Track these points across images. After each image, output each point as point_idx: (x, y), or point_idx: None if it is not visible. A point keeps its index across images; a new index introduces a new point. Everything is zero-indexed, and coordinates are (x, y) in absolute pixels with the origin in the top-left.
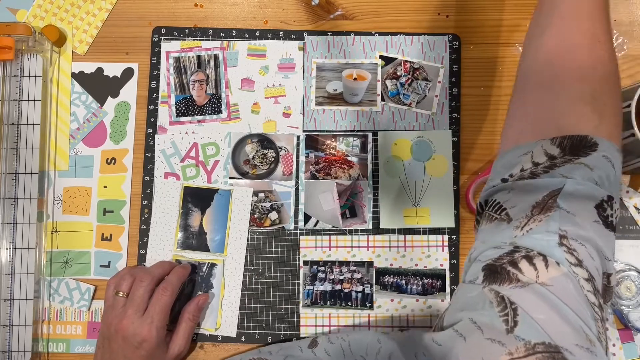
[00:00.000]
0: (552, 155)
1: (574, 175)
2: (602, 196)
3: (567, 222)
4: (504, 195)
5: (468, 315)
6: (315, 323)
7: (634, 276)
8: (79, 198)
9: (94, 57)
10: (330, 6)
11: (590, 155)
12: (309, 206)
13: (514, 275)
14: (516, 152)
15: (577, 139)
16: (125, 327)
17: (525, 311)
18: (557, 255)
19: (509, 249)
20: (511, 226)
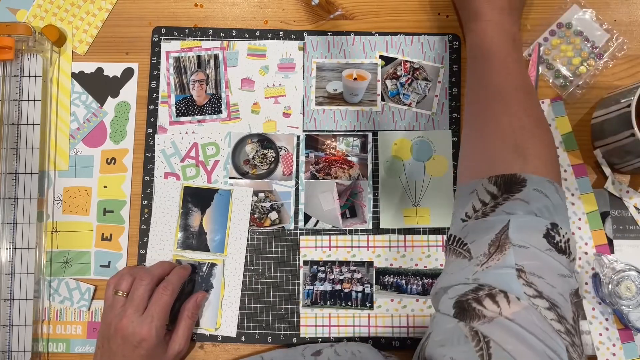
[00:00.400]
0: (493, 194)
1: (515, 210)
2: (546, 225)
3: (522, 257)
4: (464, 232)
5: (449, 354)
6: (315, 323)
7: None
8: (79, 198)
9: (94, 57)
10: (330, 6)
11: (522, 191)
12: (309, 206)
13: (480, 311)
14: (466, 190)
15: (508, 177)
16: (125, 327)
17: (496, 343)
18: (516, 289)
19: (473, 286)
20: (472, 263)
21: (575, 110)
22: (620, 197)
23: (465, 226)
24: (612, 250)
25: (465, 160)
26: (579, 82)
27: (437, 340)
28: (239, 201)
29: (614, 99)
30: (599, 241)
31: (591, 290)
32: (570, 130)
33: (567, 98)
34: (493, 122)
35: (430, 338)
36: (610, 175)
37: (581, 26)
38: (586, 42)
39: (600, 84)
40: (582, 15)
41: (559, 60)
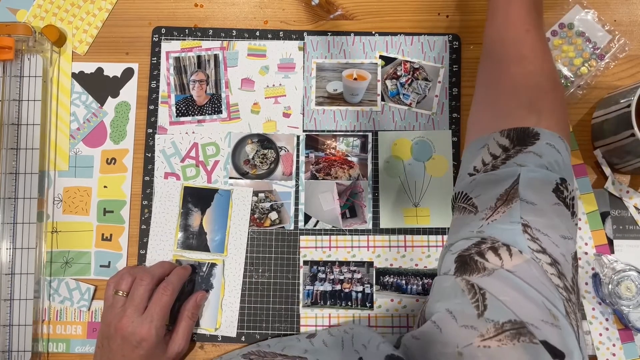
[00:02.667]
0: (505, 147)
1: (526, 163)
2: (556, 179)
3: (529, 212)
4: (471, 186)
5: (444, 306)
6: (315, 323)
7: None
8: (79, 198)
9: (94, 57)
10: (330, 6)
11: (535, 144)
12: (309, 206)
13: (481, 264)
14: (476, 145)
15: (521, 130)
16: (125, 327)
17: (493, 295)
18: (520, 243)
19: (476, 240)
20: (477, 217)
21: (575, 110)
22: (620, 197)
23: (473, 180)
24: (612, 250)
25: (476, 116)
26: (580, 83)
27: (434, 299)
28: (239, 201)
29: (614, 99)
30: (599, 241)
31: (591, 290)
32: (570, 130)
33: (568, 98)
34: (507, 78)
35: (429, 301)
36: (610, 175)
37: (583, 27)
38: (588, 42)
39: (600, 84)
40: (584, 15)
41: (561, 60)
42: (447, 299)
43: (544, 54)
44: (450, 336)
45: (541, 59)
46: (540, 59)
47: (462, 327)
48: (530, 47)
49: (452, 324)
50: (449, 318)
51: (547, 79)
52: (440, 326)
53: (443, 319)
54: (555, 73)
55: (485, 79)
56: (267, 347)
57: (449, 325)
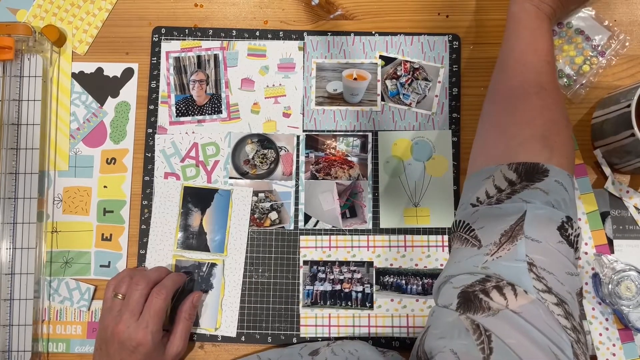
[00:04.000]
0: (511, 181)
1: (533, 199)
2: (562, 217)
3: (534, 250)
4: (474, 217)
5: (448, 346)
6: (315, 323)
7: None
8: (79, 198)
9: (94, 57)
10: (330, 6)
11: (543, 181)
12: (309, 206)
13: (486, 303)
14: (480, 176)
15: (530, 166)
16: (121, 332)
17: (498, 337)
18: (526, 282)
19: (480, 277)
20: (481, 252)
21: (575, 110)
22: (620, 197)
23: (475, 211)
24: (612, 250)
25: (483, 143)
26: (582, 81)
27: (436, 333)
28: (239, 201)
29: (614, 99)
30: (599, 241)
31: (591, 290)
32: None
33: (571, 97)
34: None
35: (429, 332)
36: (610, 175)
37: (582, 25)
38: (587, 40)
39: (600, 84)
40: (582, 14)
41: (562, 60)
42: (450, 337)
43: (559, 90)
44: None
45: (558, 94)
46: (557, 94)
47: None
48: (550, 80)
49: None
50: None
51: (561, 115)
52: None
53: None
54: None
55: (499, 103)
56: None
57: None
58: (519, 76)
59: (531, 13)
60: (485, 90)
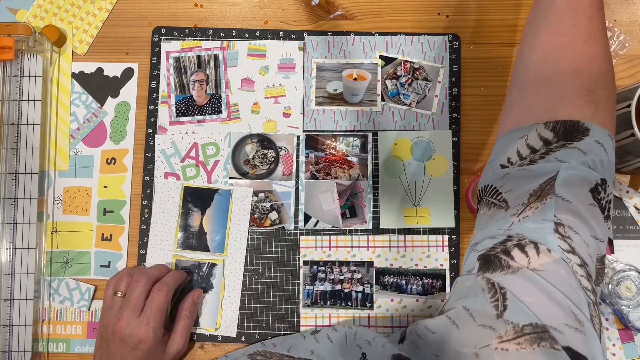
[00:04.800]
0: (547, 140)
1: (568, 159)
2: (596, 179)
3: (563, 210)
4: (502, 180)
5: (462, 304)
6: (315, 323)
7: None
8: (79, 198)
9: (94, 57)
10: (330, 6)
11: (582, 140)
12: (309, 206)
13: (506, 262)
14: (512, 136)
15: (569, 124)
16: (122, 329)
17: (514, 295)
18: (551, 242)
19: (502, 238)
20: (508, 214)
21: None
22: (620, 197)
23: (506, 174)
24: (612, 250)
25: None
26: None
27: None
28: (239, 201)
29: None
30: None
31: None
32: None
33: None
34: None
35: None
36: None
37: None
38: None
39: None
40: None
41: None
42: (466, 297)
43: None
44: (468, 334)
45: (607, 44)
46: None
47: (480, 326)
48: (600, 28)
49: (470, 322)
50: (466, 316)
51: (609, 67)
52: (457, 323)
53: (460, 316)
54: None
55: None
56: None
57: (466, 324)
58: (567, 20)
59: None
60: (485, 90)
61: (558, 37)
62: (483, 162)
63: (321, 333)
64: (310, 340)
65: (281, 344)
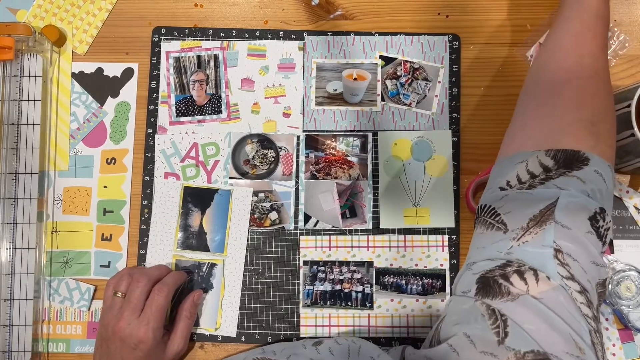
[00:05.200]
0: (547, 167)
1: (568, 187)
2: (595, 208)
3: (563, 236)
4: (501, 202)
5: (462, 330)
6: (315, 323)
7: (634, 276)
8: (79, 198)
9: (94, 57)
10: (330, 6)
11: (582, 169)
12: (309, 206)
13: (506, 288)
14: (512, 160)
15: (570, 153)
16: (122, 329)
17: (515, 322)
18: (550, 268)
19: (501, 262)
20: (507, 237)
21: None
22: (620, 197)
23: (504, 196)
24: (612, 250)
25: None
26: None
27: (452, 320)
28: (239, 201)
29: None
30: None
31: None
32: None
33: None
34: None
35: (445, 320)
36: None
37: None
38: None
39: None
40: None
41: None
42: (466, 322)
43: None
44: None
45: (609, 82)
46: (609, 82)
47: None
48: (604, 67)
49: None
50: (467, 343)
51: (610, 103)
52: (458, 350)
53: (461, 343)
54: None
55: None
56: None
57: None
58: (573, 57)
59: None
60: (485, 90)
61: (563, 72)
62: (483, 162)
63: (323, 344)
64: (311, 350)
65: (281, 352)
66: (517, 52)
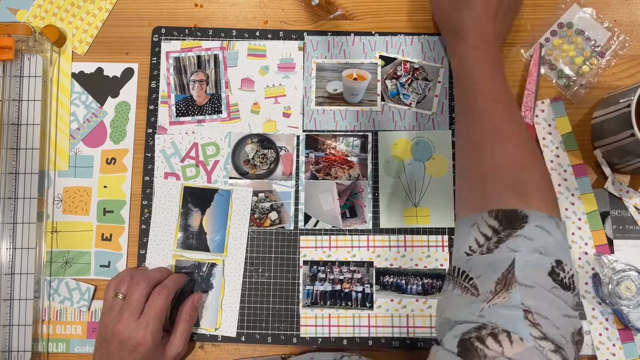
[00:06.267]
0: (494, 228)
1: (519, 248)
2: (551, 263)
3: (529, 297)
4: (469, 266)
5: None
6: (315, 323)
7: (634, 276)
8: (79, 198)
9: (94, 57)
10: (330, 6)
11: (524, 228)
12: (309, 206)
13: (482, 352)
14: (466, 222)
15: (508, 213)
16: (121, 331)
17: None
18: (522, 329)
19: (477, 324)
20: (479, 299)
21: (575, 110)
22: (620, 197)
23: (469, 260)
24: (612, 250)
25: (462, 193)
26: (582, 82)
27: None
28: (239, 201)
29: (614, 99)
30: (599, 241)
31: (591, 290)
32: (570, 130)
33: (571, 98)
34: (488, 158)
35: None
36: (610, 175)
37: (582, 25)
38: (588, 41)
39: (600, 84)
40: (582, 14)
41: (562, 60)
42: None
43: (518, 125)
44: None
45: (518, 132)
46: (517, 132)
47: None
48: (500, 120)
49: None
50: None
51: (525, 155)
52: None
53: None
54: (533, 144)
55: (465, 157)
56: None
57: None
58: (474, 127)
59: (481, 64)
60: None
61: (473, 142)
62: None
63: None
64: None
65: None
66: (517, 52)
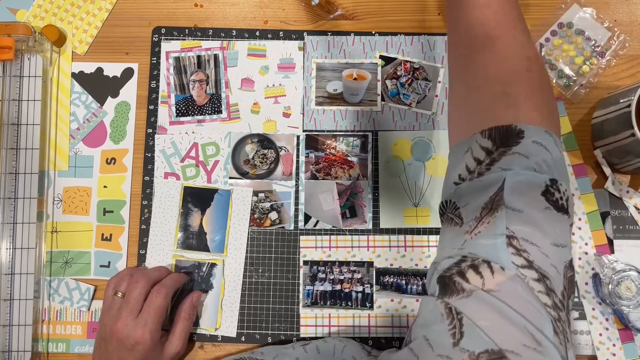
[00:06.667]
0: (488, 149)
1: (512, 166)
2: (545, 181)
3: (516, 221)
4: (457, 195)
5: (422, 332)
6: (315, 323)
7: (634, 276)
8: (79, 198)
9: (94, 57)
10: (330, 6)
11: (520, 144)
12: (309, 206)
13: (460, 285)
14: (458, 150)
15: (503, 129)
16: (120, 330)
17: (470, 320)
18: (503, 258)
19: (457, 258)
20: (462, 230)
21: (575, 110)
22: (620, 197)
23: (457, 189)
24: (612, 250)
25: (453, 116)
26: (582, 82)
27: (418, 322)
28: (239, 201)
29: (614, 99)
30: (599, 241)
31: (591, 290)
32: (570, 130)
33: (571, 97)
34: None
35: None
36: (610, 175)
37: (582, 25)
38: (588, 41)
39: (600, 84)
40: (582, 14)
41: (562, 60)
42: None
43: (514, 29)
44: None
45: (511, 36)
46: (510, 36)
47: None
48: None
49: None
50: (426, 346)
51: (519, 59)
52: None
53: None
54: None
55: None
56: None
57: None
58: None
59: None
60: None
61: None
62: None
63: (311, 344)
64: (298, 350)
65: (269, 352)
66: None
